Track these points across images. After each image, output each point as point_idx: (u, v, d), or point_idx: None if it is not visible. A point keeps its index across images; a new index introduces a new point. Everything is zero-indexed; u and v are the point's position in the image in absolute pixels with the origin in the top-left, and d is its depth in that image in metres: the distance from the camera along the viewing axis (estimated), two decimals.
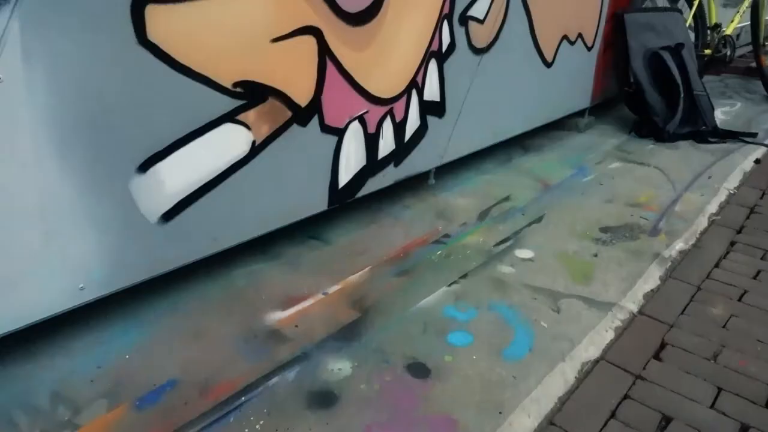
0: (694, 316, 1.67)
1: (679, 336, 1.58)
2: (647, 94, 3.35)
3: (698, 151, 3.16)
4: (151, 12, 1.29)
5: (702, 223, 2.27)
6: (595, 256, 2.00)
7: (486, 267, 1.90)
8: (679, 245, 2.08)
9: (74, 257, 1.33)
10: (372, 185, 2.11)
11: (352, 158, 1.97)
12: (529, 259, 1.96)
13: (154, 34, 1.31)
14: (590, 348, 1.52)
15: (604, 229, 2.20)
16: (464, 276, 1.84)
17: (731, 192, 2.60)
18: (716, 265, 1.96)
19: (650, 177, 2.76)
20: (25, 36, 1.10)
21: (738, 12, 4.10)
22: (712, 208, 2.41)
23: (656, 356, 1.50)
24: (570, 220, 2.27)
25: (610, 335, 1.58)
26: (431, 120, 2.27)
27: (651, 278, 1.86)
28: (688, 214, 2.34)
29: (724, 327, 1.62)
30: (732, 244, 2.12)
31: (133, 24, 1.27)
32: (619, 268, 1.92)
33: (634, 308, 1.70)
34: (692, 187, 2.63)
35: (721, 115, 3.84)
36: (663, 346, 1.54)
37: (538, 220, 2.27)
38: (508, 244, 2.07)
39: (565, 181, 2.70)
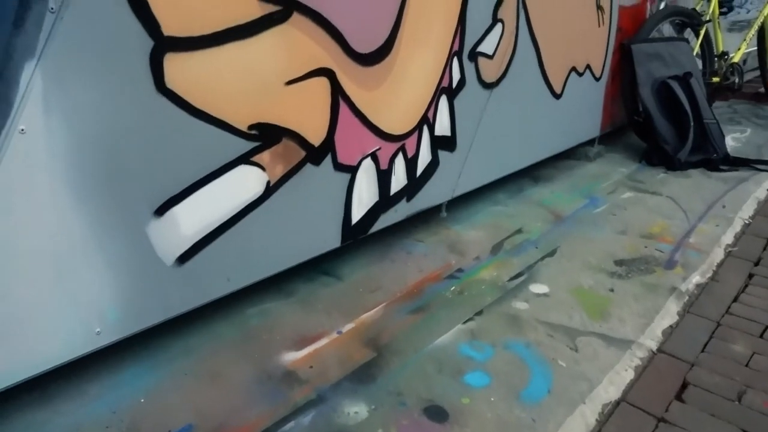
0: (715, 353, 1.64)
1: (701, 375, 1.55)
2: (657, 123, 3.35)
3: (710, 179, 3.14)
4: (170, 60, 1.32)
5: (718, 254, 2.25)
6: (611, 290, 1.97)
7: (501, 303, 1.89)
8: (696, 278, 2.06)
9: (90, 302, 1.34)
10: (384, 221, 2.11)
11: (365, 195, 1.98)
12: (544, 294, 1.95)
13: (172, 81, 1.34)
14: (610, 389, 1.49)
15: (619, 262, 2.18)
16: (479, 313, 1.82)
17: (746, 222, 2.57)
18: (735, 300, 1.93)
19: (663, 207, 2.75)
20: (47, 89, 1.13)
21: (745, 40, 4.13)
22: (728, 239, 2.39)
23: (678, 397, 1.47)
24: (584, 252, 2.26)
25: (630, 375, 1.55)
26: (442, 154, 2.28)
27: (669, 314, 1.83)
28: (704, 246, 2.31)
29: (746, 365, 1.59)
30: (750, 276, 2.09)
31: (152, 72, 1.29)
32: (636, 303, 1.89)
33: (653, 346, 1.67)
34: (706, 217, 2.61)
35: (732, 141, 3.83)
36: (685, 386, 1.51)
37: (552, 253, 2.25)
38: (522, 278, 2.05)
39: (577, 212, 2.69)
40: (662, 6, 3.64)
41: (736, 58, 4.04)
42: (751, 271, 2.13)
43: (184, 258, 1.49)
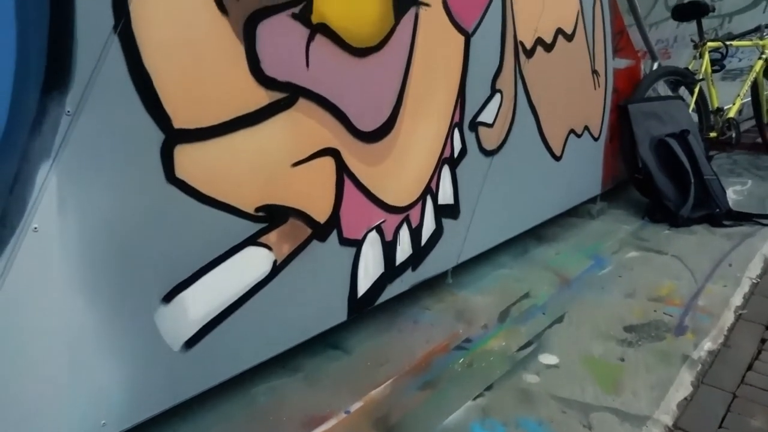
0: (734, 429, 1.60)
1: None
2: (657, 180, 3.38)
3: (715, 236, 3.14)
4: (180, 151, 1.36)
5: (728, 318, 2.22)
6: (622, 360, 1.95)
7: (511, 376, 1.86)
8: (708, 345, 2.03)
9: (97, 393, 1.32)
10: (390, 291, 2.11)
11: (371, 267, 1.99)
12: (554, 366, 1.92)
13: (181, 171, 1.37)
14: None
15: (629, 328, 2.15)
16: (489, 388, 1.79)
17: (754, 281, 2.55)
18: (749, 368, 1.90)
19: (669, 266, 2.73)
20: (61, 188, 1.16)
21: (738, 95, 4.21)
22: (737, 300, 2.36)
23: None
24: (592, 318, 2.24)
25: None
26: (446, 222, 2.30)
27: (683, 385, 1.80)
28: (713, 308, 2.29)
29: None
30: (762, 342, 2.06)
31: (162, 164, 1.33)
32: (648, 373, 1.86)
33: (669, 421, 1.63)
34: (713, 277, 2.59)
35: (734, 194, 3.84)
36: None
37: (560, 319, 2.23)
38: (531, 348, 2.03)
39: (582, 273, 2.68)
40: (656, 66, 3.75)
41: (732, 113, 4.12)
42: (763, 335, 2.10)
43: (191, 342, 1.48)
